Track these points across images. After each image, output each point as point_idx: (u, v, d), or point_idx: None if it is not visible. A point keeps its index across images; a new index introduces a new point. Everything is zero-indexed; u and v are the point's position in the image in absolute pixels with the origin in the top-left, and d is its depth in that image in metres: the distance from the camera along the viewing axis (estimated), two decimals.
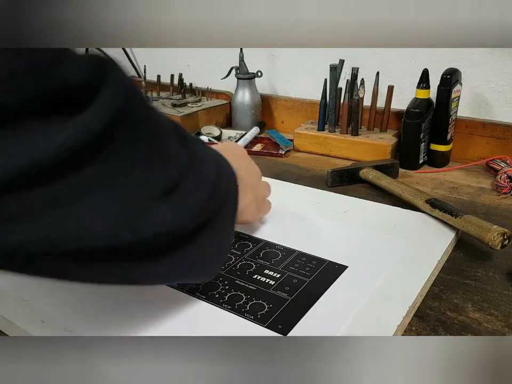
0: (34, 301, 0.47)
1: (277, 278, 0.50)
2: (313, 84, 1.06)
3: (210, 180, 0.39)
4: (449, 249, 0.58)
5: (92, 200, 0.28)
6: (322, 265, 0.53)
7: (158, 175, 0.33)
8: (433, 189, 0.79)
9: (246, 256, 0.55)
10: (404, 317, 0.44)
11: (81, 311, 0.46)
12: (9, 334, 0.46)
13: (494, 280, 0.53)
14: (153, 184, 0.32)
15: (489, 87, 0.88)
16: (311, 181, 0.82)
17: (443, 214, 0.61)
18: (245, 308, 0.46)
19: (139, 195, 0.31)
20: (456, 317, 0.47)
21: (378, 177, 0.76)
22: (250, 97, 1.09)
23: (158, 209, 0.32)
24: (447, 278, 0.53)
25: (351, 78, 0.91)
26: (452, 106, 0.84)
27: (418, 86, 0.85)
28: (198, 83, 1.21)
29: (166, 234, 0.34)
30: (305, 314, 0.44)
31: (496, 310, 0.48)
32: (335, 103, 0.95)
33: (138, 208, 0.31)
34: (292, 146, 0.99)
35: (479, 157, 0.89)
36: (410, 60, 0.94)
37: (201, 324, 0.44)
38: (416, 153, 0.87)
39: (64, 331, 0.43)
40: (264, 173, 0.83)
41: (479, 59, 0.87)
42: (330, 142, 0.95)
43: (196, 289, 0.48)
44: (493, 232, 0.54)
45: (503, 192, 0.75)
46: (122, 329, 0.43)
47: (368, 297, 0.47)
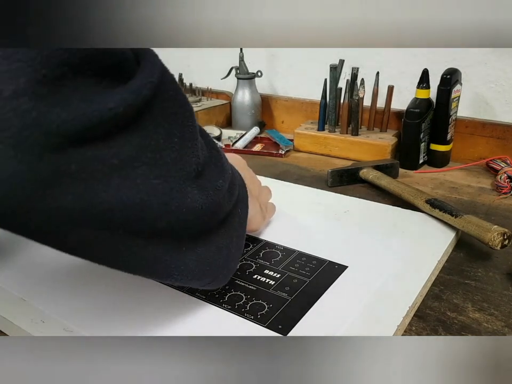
0: (34, 301, 0.47)
1: (277, 278, 0.50)
2: (313, 83, 1.05)
3: (228, 175, 0.39)
4: (449, 249, 0.58)
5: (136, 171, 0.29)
6: (322, 265, 0.53)
7: (190, 155, 0.33)
8: (433, 189, 0.79)
9: (246, 256, 0.55)
10: (403, 317, 0.44)
11: (81, 311, 0.46)
12: (9, 334, 0.46)
13: (494, 280, 0.53)
14: (187, 164, 0.33)
15: (489, 87, 0.88)
16: (311, 181, 0.82)
17: (443, 214, 0.61)
18: (245, 308, 0.46)
19: (176, 174, 0.32)
20: (456, 317, 0.47)
21: (378, 177, 0.76)
22: (250, 97, 1.09)
23: (192, 191, 0.33)
24: (447, 278, 0.53)
25: (351, 78, 0.91)
26: (452, 106, 0.84)
27: (418, 86, 0.85)
28: (198, 83, 1.21)
29: (195, 218, 0.34)
30: (305, 314, 0.44)
31: (496, 310, 0.48)
32: (335, 103, 0.95)
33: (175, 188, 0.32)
34: (292, 146, 0.99)
35: (479, 157, 0.89)
36: (411, 59, 0.94)
37: (201, 324, 0.44)
38: (416, 153, 0.87)
39: (64, 331, 0.43)
40: (264, 173, 0.83)
41: (479, 59, 0.87)
42: (330, 142, 0.95)
43: (196, 289, 0.48)
44: (493, 232, 0.54)
45: (503, 192, 0.75)
46: (122, 329, 0.43)
47: (368, 297, 0.47)
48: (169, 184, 0.31)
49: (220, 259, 0.40)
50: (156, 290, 0.48)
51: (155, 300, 0.47)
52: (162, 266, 0.35)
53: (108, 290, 0.49)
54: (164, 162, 0.31)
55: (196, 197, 0.34)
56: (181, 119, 0.33)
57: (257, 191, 0.57)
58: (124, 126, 0.28)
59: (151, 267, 0.35)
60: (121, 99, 0.27)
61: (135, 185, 0.29)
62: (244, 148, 0.99)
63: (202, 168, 0.35)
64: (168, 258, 0.35)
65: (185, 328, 0.43)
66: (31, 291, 0.49)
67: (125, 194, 0.29)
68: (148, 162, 0.30)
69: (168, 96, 0.32)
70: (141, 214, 0.30)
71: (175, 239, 0.34)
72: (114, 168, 0.28)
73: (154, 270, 0.36)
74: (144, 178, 0.30)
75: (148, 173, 0.30)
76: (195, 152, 0.34)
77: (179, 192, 0.32)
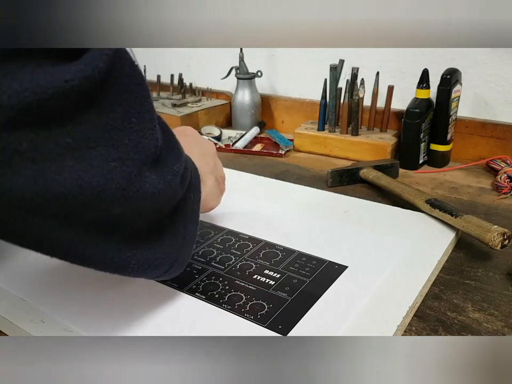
0: (34, 301, 0.47)
1: (277, 278, 0.50)
2: (313, 83, 1.05)
3: (183, 160, 0.38)
4: (449, 249, 0.58)
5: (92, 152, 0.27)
6: (322, 265, 0.53)
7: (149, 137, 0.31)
8: (433, 189, 0.79)
9: (246, 256, 0.55)
10: (403, 317, 0.44)
11: (81, 311, 0.46)
12: (9, 334, 0.46)
13: (494, 280, 0.53)
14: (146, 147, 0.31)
15: (489, 87, 0.88)
16: (311, 181, 0.82)
17: (443, 214, 0.61)
18: (245, 308, 0.46)
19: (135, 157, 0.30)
20: (456, 317, 0.47)
21: (378, 177, 0.76)
22: (250, 97, 1.09)
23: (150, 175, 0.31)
24: (447, 278, 0.53)
25: (351, 78, 0.91)
26: (451, 106, 0.84)
27: (418, 86, 0.85)
28: (198, 83, 1.21)
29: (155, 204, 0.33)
30: (305, 314, 0.44)
31: (496, 310, 0.48)
32: (335, 103, 0.95)
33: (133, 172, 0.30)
34: (292, 146, 0.99)
35: (479, 157, 0.89)
36: (411, 59, 0.94)
37: (201, 324, 0.44)
38: (416, 153, 0.87)
39: (64, 331, 0.43)
40: (264, 173, 0.83)
41: (479, 59, 0.87)
42: (330, 142, 0.95)
43: (196, 289, 0.48)
44: (493, 232, 0.54)
45: (503, 192, 0.75)
46: (122, 329, 0.43)
47: (368, 297, 0.47)
48: (127, 167, 0.29)
49: (175, 246, 0.38)
50: (156, 290, 0.48)
51: (155, 300, 0.47)
52: (118, 257, 0.34)
53: (107, 291, 0.49)
54: (122, 143, 0.29)
55: (153, 182, 0.32)
56: (139, 98, 0.31)
57: (212, 164, 0.54)
58: (79, 102, 0.26)
59: (107, 259, 0.33)
60: (77, 70, 0.26)
61: (91, 167, 0.27)
62: (244, 148, 0.99)
63: (160, 151, 0.33)
64: (124, 248, 0.33)
65: (185, 328, 0.43)
66: (31, 291, 0.49)
67: (81, 178, 0.27)
68: (105, 143, 0.28)
69: (125, 72, 0.30)
70: (97, 199, 0.28)
71: (131, 227, 0.33)
72: (69, 148, 0.26)
73: (110, 261, 0.33)
74: (101, 160, 0.28)
75: (105, 155, 0.28)
76: (154, 134, 0.32)
77: (137, 177, 0.30)
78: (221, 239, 0.59)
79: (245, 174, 0.82)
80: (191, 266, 0.53)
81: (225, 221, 0.63)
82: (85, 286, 0.49)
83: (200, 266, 0.53)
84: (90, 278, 0.51)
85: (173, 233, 0.38)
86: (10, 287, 0.49)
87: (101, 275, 0.50)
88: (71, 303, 0.47)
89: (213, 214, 0.64)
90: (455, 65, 0.87)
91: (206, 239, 0.59)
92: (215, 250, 0.56)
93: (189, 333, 0.43)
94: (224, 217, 0.64)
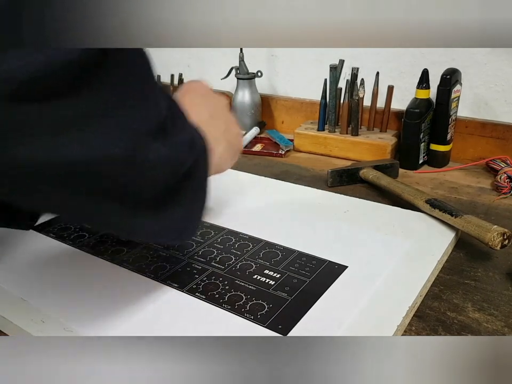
0: (34, 301, 0.47)
1: (277, 278, 0.50)
2: (313, 84, 1.05)
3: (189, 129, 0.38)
4: (449, 249, 0.58)
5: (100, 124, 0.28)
6: (322, 265, 0.53)
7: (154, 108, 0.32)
8: (433, 189, 0.79)
9: (246, 256, 0.55)
10: (403, 317, 0.44)
11: (81, 311, 0.46)
12: (9, 334, 0.46)
13: (494, 280, 0.53)
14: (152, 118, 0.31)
15: (489, 87, 0.88)
16: (311, 181, 0.82)
17: (443, 214, 0.61)
18: (245, 308, 0.46)
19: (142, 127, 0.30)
20: (456, 317, 0.47)
21: (378, 177, 0.76)
22: (250, 97, 1.09)
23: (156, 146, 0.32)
24: (447, 278, 0.53)
25: (351, 78, 0.91)
26: (451, 106, 0.84)
27: (418, 86, 0.85)
28: None
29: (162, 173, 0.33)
30: (305, 314, 0.44)
31: (496, 310, 0.48)
32: (335, 103, 0.95)
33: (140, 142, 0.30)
34: (292, 146, 0.99)
35: (479, 157, 0.89)
36: (410, 60, 0.94)
37: (201, 323, 0.44)
38: (416, 153, 0.87)
39: (64, 331, 0.43)
40: (264, 173, 0.83)
41: (479, 59, 0.87)
42: (330, 142, 0.95)
43: (196, 289, 0.48)
44: (493, 232, 0.54)
45: (503, 192, 0.75)
46: (122, 329, 0.43)
47: (368, 297, 0.47)
48: (132, 137, 0.30)
49: (183, 213, 0.39)
50: (156, 291, 0.48)
51: (155, 300, 0.47)
52: (126, 224, 0.35)
53: (107, 291, 0.49)
54: (125, 114, 0.29)
55: (160, 152, 0.32)
56: (141, 68, 0.32)
57: (222, 126, 0.52)
58: (82, 76, 0.27)
59: (116, 225, 0.35)
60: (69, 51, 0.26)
61: (96, 138, 0.28)
62: (244, 148, 0.99)
63: (165, 121, 0.33)
64: (132, 215, 0.34)
65: (185, 328, 0.43)
66: (31, 291, 0.49)
67: (87, 148, 0.28)
68: (112, 114, 0.28)
69: None
70: (104, 169, 0.29)
71: (139, 195, 0.33)
72: (74, 120, 0.27)
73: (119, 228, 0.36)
74: (106, 131, 0.28)
75: (112, 126, 0.29)
76: (158, 104, 0.33)
77: (143, 146, 0.31)
78: (221, 239, 0.59)
79: (245, 174, 0.82)
80: (191, 266, 0.53)
81: (225, 221, 0.63)
82: (85, 286, 0.49)
83: (200, 266, 0.53)
84: (91, 278, 0.51)
85: (182, 201, 0.38)
86: (10, 287, 0.49)
87: (101, 275, 0.51)
88: (71, 303, 0.47)
89: (213, 214, 0.64)
90: (455, 65, 0.87)
91: (206, 239, 0.59)
92: (215, 250, 0.56)
93: (189, 333, 0.43)
94: (224, 217, 0.64)
